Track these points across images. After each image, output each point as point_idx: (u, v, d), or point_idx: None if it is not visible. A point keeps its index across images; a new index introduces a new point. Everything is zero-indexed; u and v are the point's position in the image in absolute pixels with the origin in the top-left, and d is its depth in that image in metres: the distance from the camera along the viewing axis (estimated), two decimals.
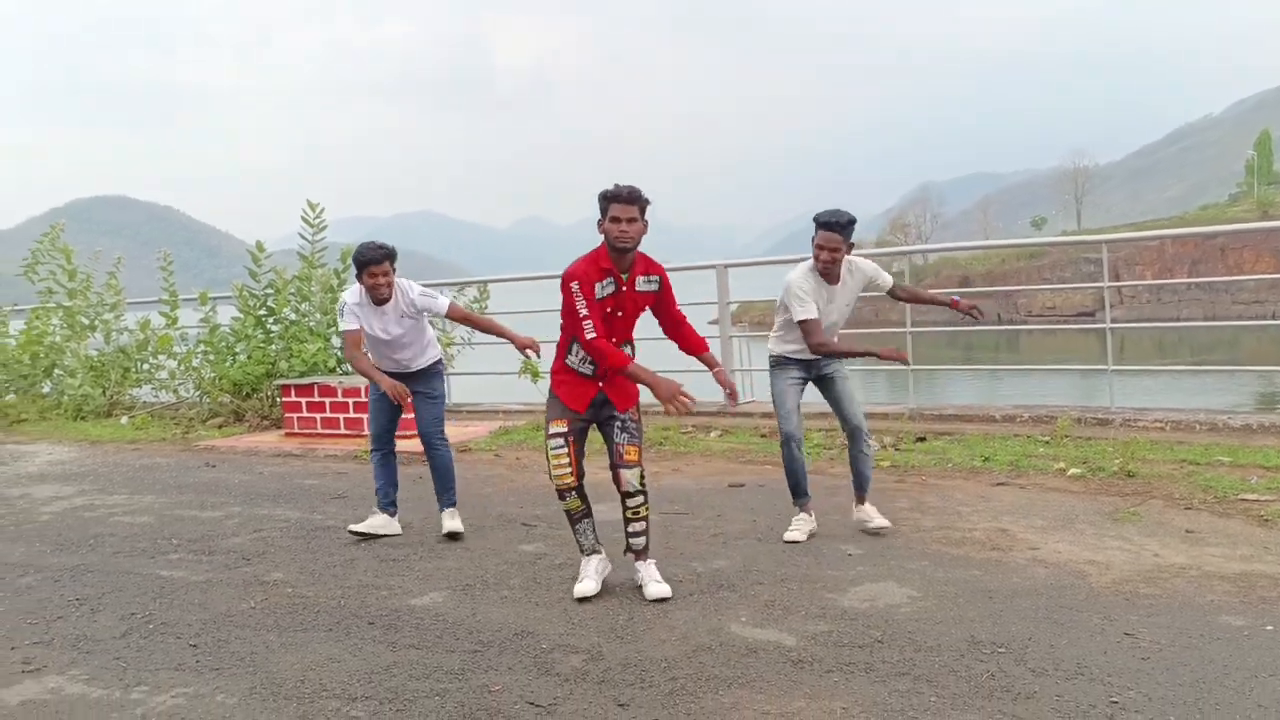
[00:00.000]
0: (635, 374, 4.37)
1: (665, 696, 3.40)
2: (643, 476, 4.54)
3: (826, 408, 5.65)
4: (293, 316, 11.19)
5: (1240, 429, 7.52)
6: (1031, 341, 42.54)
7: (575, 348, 4.50)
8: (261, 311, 11.36)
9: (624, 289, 4.41)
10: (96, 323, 13.03)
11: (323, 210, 11.29)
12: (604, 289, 4.36)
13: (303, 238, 11.30)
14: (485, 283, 11.62)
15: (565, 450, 4.46)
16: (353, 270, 5.79)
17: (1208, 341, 37.32)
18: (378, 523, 5.76)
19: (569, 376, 4.55)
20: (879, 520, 5.40)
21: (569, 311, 4.40)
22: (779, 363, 5.48)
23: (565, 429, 4.48)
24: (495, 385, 11.75)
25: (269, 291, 11.35)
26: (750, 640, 3.90)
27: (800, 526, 5.35)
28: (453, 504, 5.81)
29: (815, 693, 3.39)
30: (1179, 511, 5.58)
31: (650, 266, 4.52)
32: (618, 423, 4.53)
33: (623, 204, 4.29)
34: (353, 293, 5.60)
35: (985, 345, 42.44)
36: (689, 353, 4.84)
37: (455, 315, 5.91)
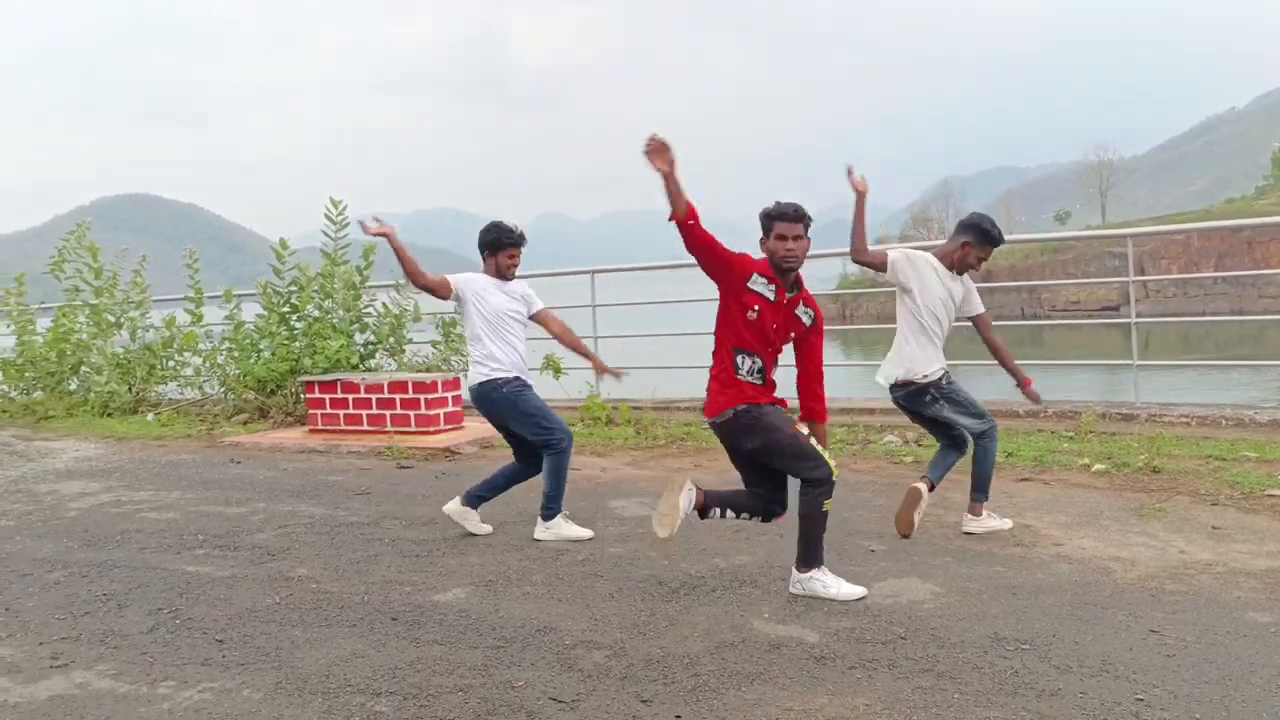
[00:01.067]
0: (671, 187, 3.99)
1: (688, 693, 3.40)
2: None
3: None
4: (316, 313, 11.24)
5: (1267, 424, 7.46)
6: (1055, 336, 42.22)
7: (742, 360, 4.27)
8: (285, 308, 11.43)
9: (782, 302, 4.24)
10: (122, 320, 13.14)
11: (345, 207, 11.33)
12: (758, 284, 4.19)
13: (326, 235, 11.36)
14: None
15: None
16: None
17: (1234, 336, 36.98)
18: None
19: (751, 389, 4.30)
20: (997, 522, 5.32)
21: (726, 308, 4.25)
22: (938, 385, 5.25)
23: (806, 430, 4.34)
24: None
25: (293, 289, 11.41)
26: (773, 636, 3.89)
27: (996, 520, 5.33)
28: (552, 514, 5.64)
29: (838, 689, 3.39)
30: (1205, 507, 5.54)
31: (810, 300, 4.38)
32: None
33: (789, 222, 4.19)
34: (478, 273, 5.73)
35: (1008, 340, 42.12)
36: (806, 408, 4.54)
37: (541, 318, 5.82)
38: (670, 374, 10.35)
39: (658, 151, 3.97)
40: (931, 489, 5.23)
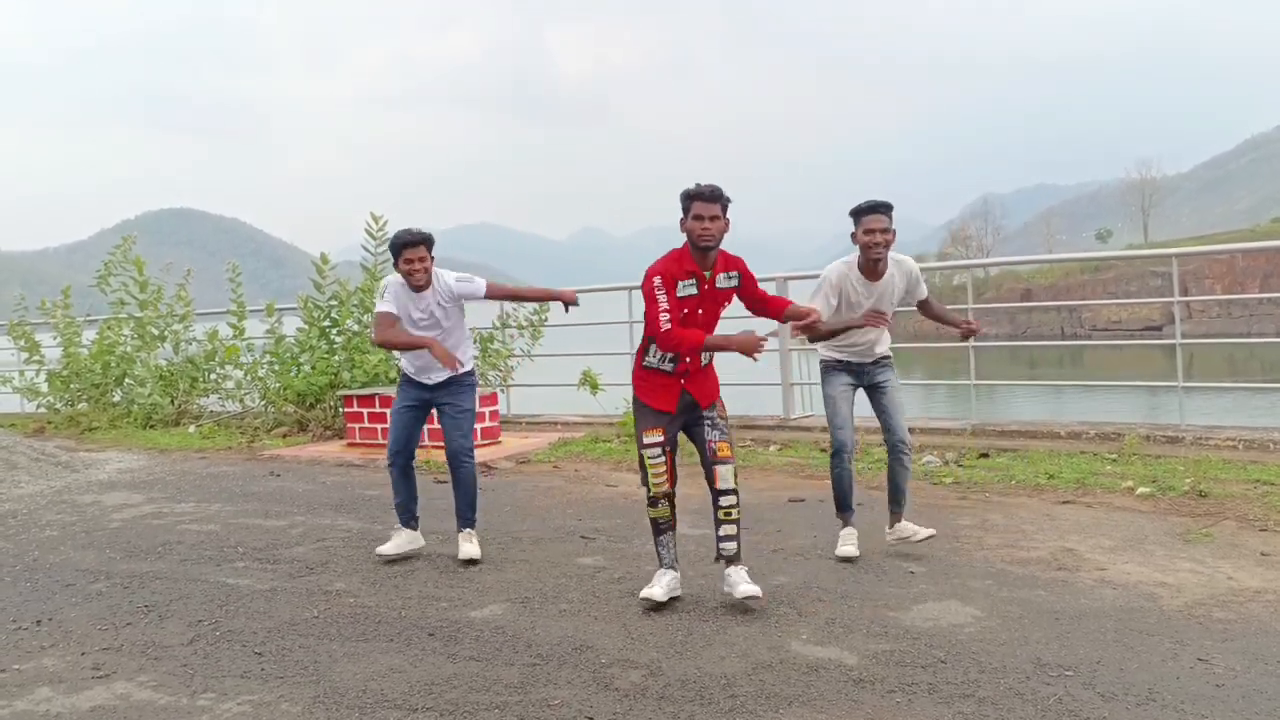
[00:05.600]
0: (712, 343, 4.37)
1: (725, 714, 3.38)
2: (736, 474, 4.54)
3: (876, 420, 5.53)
4: (355, 327, 11.34)
5: None
6: (1096, 356, 41.76)
7: (654, 348, 4.51)
8: (325, 323, 11.53)
9: (706, 287, 4.43)
10: (166, 333, 13.32)
11: (385, 222, 11.44)
12: (686, 288, 4.38)
13: (365, 249, 11.46)
14: None
15: (663, 459, 4.48)
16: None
17: None
18: (403, 540, 5.64)
19: (651, 377, 4.56)
20: (922, 531, 5.29)
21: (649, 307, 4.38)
22: (830, 368, 5.38)
23: (661, 438, 4.48)
24: (554, 397, 11.81)
25: (333, 303, 11.52)
26: (811, 658, 3.86)
27: (851, 540, 5.26)
28: (472, 525, 5.62)
29: (877, 713, 3.35)
30: (1253, 533, 5.43)
31: (729, 263, 4.52)
32: (707, 420, 4.54)
33: (705, 201, 4.33)
34: (394, 278, 5.54)
35: (1049, 360, 41.75)
36: (778, 316, 4.72)
37: (495, 294, 5.75)
38: None
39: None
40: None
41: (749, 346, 4.32)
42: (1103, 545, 5.30)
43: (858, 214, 5.13)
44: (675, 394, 4.52)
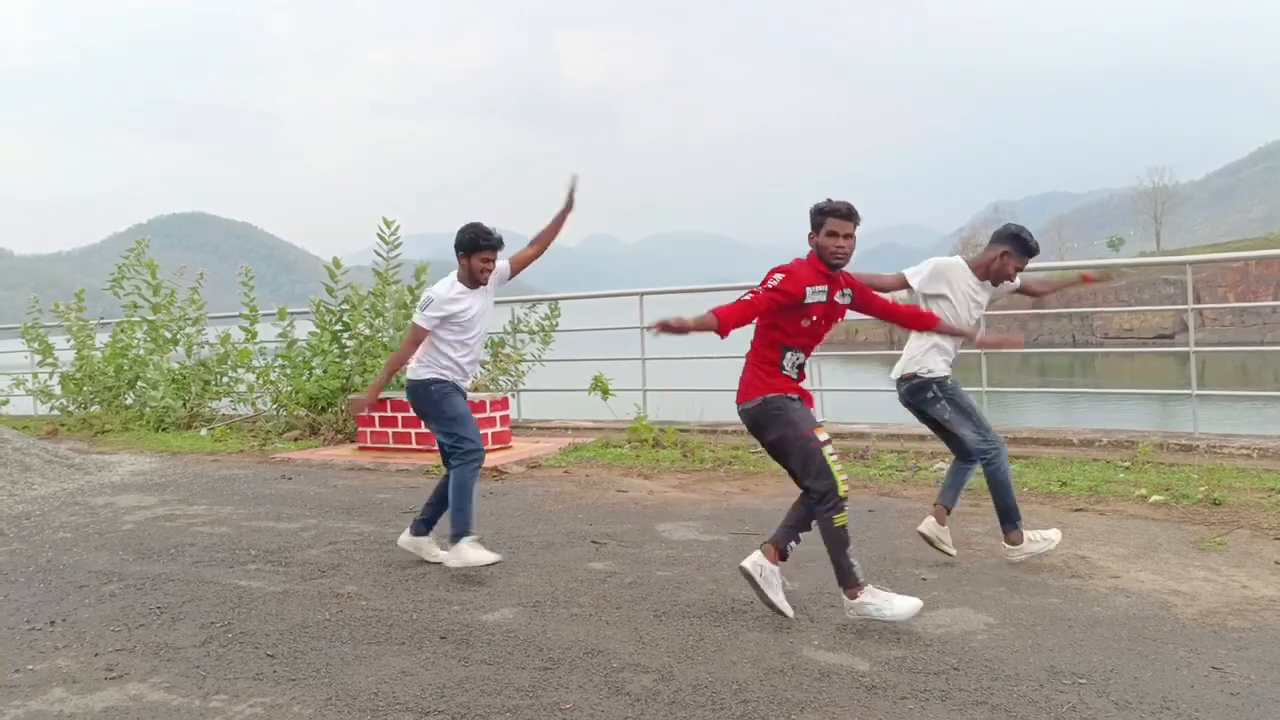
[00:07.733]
0: (692, 322, 4.04)
1: None
2: None
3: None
4: (367, 332, 11.37)
5: None
6: (1108, 364, 41.58)
7: (789, 356, 4.33)
8: (337, 327, 11.56)
9: (832, 298, 4.31)
10: (179, 336, 13.38)
11: (397, 227, 11.46)
12: (817, 294, 4.23)
13: (378, 254, 11.49)
14: (555, 300, 11.71)
15: (838, 456, 4.27)
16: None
17: None
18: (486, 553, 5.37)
19: (786, 382, 4.33)
20: (948, 547, 5.29)
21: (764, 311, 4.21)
22: (943, 383, 5.17)
23: (827, 435, 4.29)
24: (565, 402, 11.82)
25: (345, 307, 11.55)
26: (823, 664, 3.85)
27: (1053, 536, 5.15)
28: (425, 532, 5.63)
29: (889, 719, 3.34)
30: (1268, 542, 5.41)
31: (847, 281, 4.40)
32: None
33: (841, 219, 4.20)
34: (446, 285, 5.40)
35: (1060, 368, 41.58)
36: (920, 327, 4.74)
37: (518, 267, 5.72)
38: (717, 397, 10.31)
39: (665, 329, 3.99)
40: (947, 513, 5.28)
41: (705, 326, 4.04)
42: (1116, 553, 5.28)
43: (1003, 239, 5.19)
44: (809, 400, 4.39)
